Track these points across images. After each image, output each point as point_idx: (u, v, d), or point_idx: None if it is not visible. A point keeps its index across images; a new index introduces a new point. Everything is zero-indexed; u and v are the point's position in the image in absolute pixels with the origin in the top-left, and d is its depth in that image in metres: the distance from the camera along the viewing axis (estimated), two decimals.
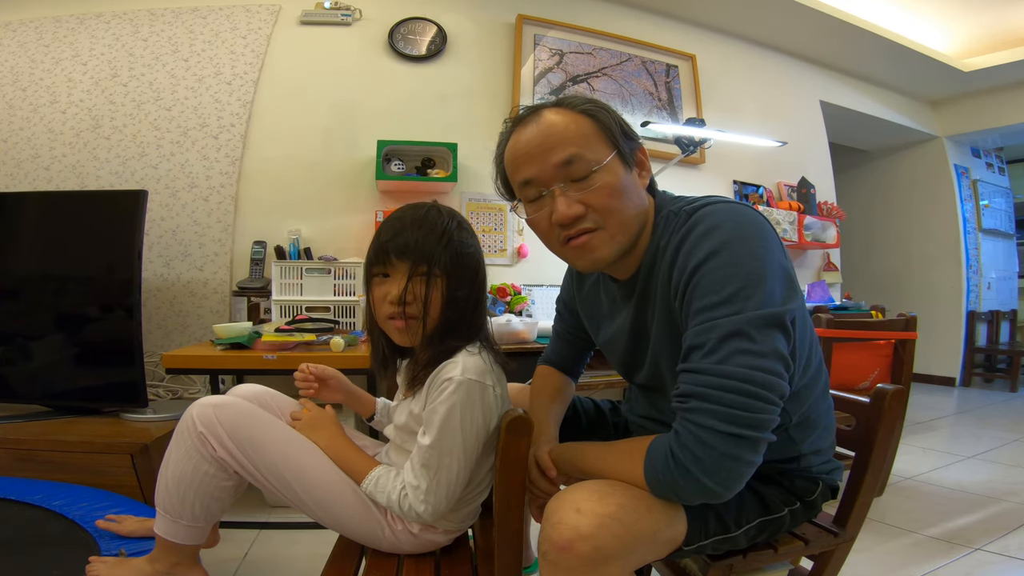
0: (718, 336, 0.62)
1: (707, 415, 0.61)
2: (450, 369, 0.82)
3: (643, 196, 0.78)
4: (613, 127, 0.75)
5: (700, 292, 0.65)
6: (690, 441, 0.61)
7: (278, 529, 1.70)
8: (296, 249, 2.36)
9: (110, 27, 2.44)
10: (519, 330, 2.20)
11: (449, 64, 2.77)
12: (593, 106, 0.76)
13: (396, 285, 0.84)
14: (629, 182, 0.75)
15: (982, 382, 4.48)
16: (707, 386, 0.61)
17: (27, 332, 1.78)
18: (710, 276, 0.65)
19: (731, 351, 0.61)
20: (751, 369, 0.60)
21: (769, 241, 0.67)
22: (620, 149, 0.74)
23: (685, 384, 0.64)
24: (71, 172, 2.33)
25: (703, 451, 0.60)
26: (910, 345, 1.99)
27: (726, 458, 0.60)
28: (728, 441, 0.60)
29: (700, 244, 0.67)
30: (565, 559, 0.64)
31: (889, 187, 4.87)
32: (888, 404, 0.85)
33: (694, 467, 0.61)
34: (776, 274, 0.65)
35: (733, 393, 0.60)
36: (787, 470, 0.84)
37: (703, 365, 0.62)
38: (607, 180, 0.73)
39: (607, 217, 0.74)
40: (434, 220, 0.86)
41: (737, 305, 0.62)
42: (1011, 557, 1.55)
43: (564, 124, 0.74)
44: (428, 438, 0.82)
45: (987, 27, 3.60)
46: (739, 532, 0.78)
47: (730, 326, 0.62)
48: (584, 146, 0.73)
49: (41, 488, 1.32)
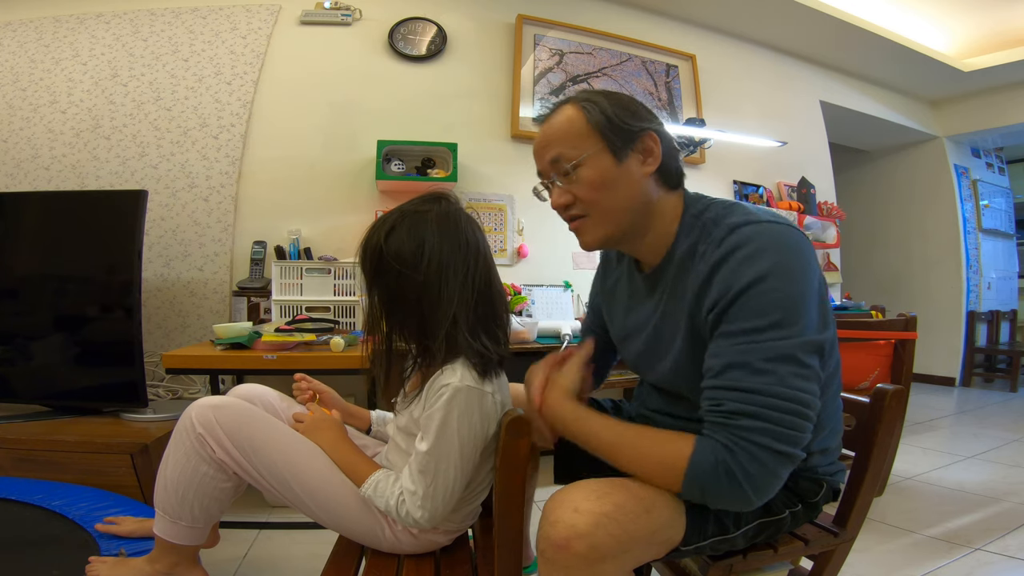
0: (765, 358, 0.65)
1: (763, 435, 0.63)
2: (448, 375, 0.81)
3: (640, 186, 0.78)
4: (602, 122, 0.76)
5: (745, 314, 0.67)
6: (745, 458, 0.64)
7: (278, 529, 1.70)
8: (296, 249, 2.36)
9: (110, 27, 2.44)
10: (519, 330, 2.20)
11: (449, 64, 2.77)
12: (588, 101, 0.78)
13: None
14: (617, 174, 0.77)
15: (982, 382, 4.47)
16: (764, 406, 0.64)
17: (27, 332, 1.79)
18: (757, 300, 0.67)
19: (785, 374, 0.64)
20: (802, 392, 0.64)
21: (812, 269, 0.70)
22: (609, 143, 0.76)
23: (734, 402, 0.65)
24: (71, 172, 2.33)
25: (756, 468, 0.63)
26: (910, 345, 1.99)
27: (773, 475, 0.65)
28: (778, 459, 0.64)
29: (746, 266, 0.68)
30: (562, 557, 0.65)
31: (889, 187, 4.87)
32: (888, 404, 0.85)
33: (745, 482, 0.64)
34: (814, 302, 0.69)
35: (788, 415, 0.64)
36: (793, 471, 0.84)
37: (755, 385, 0.64)
38: (588, 175, 0.77)
39: (590, 207, 0.79)
40: (366, 240, 0.86)
41: (785, 331, 0.65)
42: (1011, 557, 1.55)
43: (559, 123, 0.79)
44: (425, 444, 0.82)
45: (987, 27, 3.60)
46: (738, 533, 0.78)
47: (781, 350, 0.65)
48: (569, 144, 0.77)
49: (41, 488, 1.32)
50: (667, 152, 0.79)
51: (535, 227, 2.84)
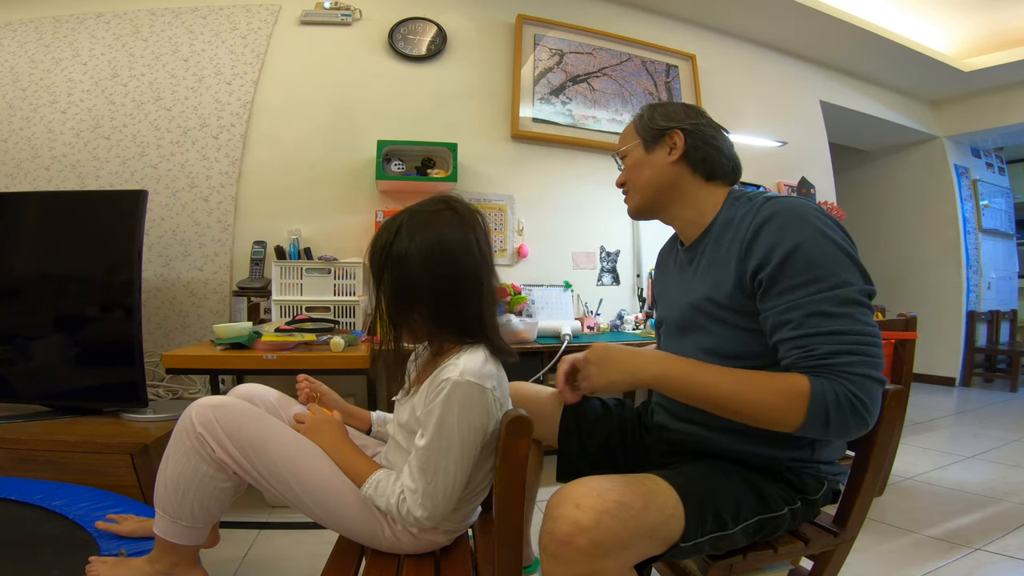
0: (837, 303, 0.74)
1: (865, 366, 0.72)
2: (449, 370, 0.82)
3: (664, 170, 0.97)
4: (639, 124, 1.02)
5: (801, 269, 0.76)
6: (859, 389, 0.71)
7: (278, 529, 1.70)
8: (296, 249, 2.36)
9: (110, 27, 2.44)
10: (519, 330, 2.20)
11: (449, 64, 2.77)
12: (639, 114, 1.04)
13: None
14: (646, 160, 1.00)
15: (982, 382, 4.47)
16: (856, 343, 0.72)
17: (27, 332, 1.78)
18: (809, 256, 0.76)
19: (858, 314, 0.74)
20: (873, 327, 0.74)
21: (845, 232, 0.80)
22: (643, 138, 1.00)
23: (827, 345, 0.72)
24: (71, 172, 2.33)
25: (868, 396, 0.72)
26: (910, 345, 1.99)
27: (877, 400, 0.73)
28: (877, 385, 0.73)
29: (791, 227, 0.78)
30: (565, 552, 0.67)
31: (889, 187, 4.87)
32: (888, 404, 0.85)
33: (863, 409, 0.71)
34: (856, 258, 0.78)
35: (874, 346, 0.73)
36: (797, 467, 0.86)
37: (840, 327, 0.73)
38: (629, 161, 1.03)
39: (629, 183, 1.04)
40: (376, 238, 0.89)
41: (842, 279, 0.75)
42: (1011, 557, 1.55)
43: (625, 128, 1.07)
44: (424, 440, 0.82)
45: (987, 27, 3.60)
46: (736, 529, 0.79)
47: (846, 295, 0.74)
48: (623, 141, 1.05)
49: (41, 488, 1.32)
50: (694, 146, 0.96)
51: (535, 227, 2.84)
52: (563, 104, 2.95)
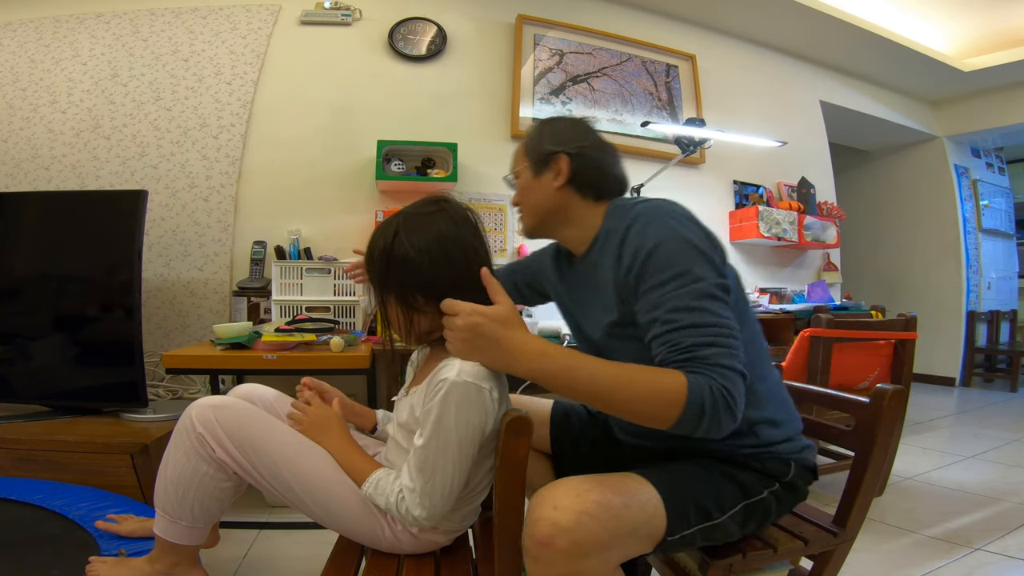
0: (695, 296, 0.75)
1: (726, 357, 0.72)
2: (447, 370, 0.82)
3: (551, 194, 0.97)
4: (528, 147, 1.01)
5: (660, 267, 0.78)
6: (726, 380, 0.71)
7: (278, 529, 1.70)
8: (296, 249, 2.36)
9: (110, 27, 2.44)
10: None
11: (449, 64, 2.78)
12: (528, 134, 1.04)
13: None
14: (534, 184, 0.99)
15: (982, 382, 4.48)
16: (717, 335, 0.73)
17: (27, 332, 1.79)
18: (666, 256, 0.78)
19: (713, 307, 0.75)
20: (729, 319, 0.75)
21: (698, 227, 0.83)
22: (531, 162, 1.00)
23: (690, 338, 0.72)
24: (71, 172, 2.33)
25: (733, 386, 0.71)
26: (910, 345, 1.99)
27: (743, 394, 0.72)
28: (739, 376, 0.72)
29: (649, 230, 0.81)
30: (545, 554, 0.68)
31: (889, 187, 4.87)
32: (888, 404, 0.86)
33: (733, 405, 0.70)
34: (708, 251, 0.80)
35: (731, 338, 0.74)
36: (755, 453, 0.86)
37: (697, 320, 0.73)
38: (519, 183, 1.03)
39: (520, 205, 1.03)
40: (372, 243, 0.89)
41: (696, 275, 0.76)
42: (1011, 557, 1.55)
43: (517, 147, 1.06)
44: (423, 439, 0.82)
45: (987, 27, 3.60)
46: (724, 518, 0.79)
47: (704, 289, 0.75)
48: (514, 162, 1.05)
49: (41, 488, 1.33)
50: (580, 171, 0.95)
51: None
52: (563, 104, 2.95)
